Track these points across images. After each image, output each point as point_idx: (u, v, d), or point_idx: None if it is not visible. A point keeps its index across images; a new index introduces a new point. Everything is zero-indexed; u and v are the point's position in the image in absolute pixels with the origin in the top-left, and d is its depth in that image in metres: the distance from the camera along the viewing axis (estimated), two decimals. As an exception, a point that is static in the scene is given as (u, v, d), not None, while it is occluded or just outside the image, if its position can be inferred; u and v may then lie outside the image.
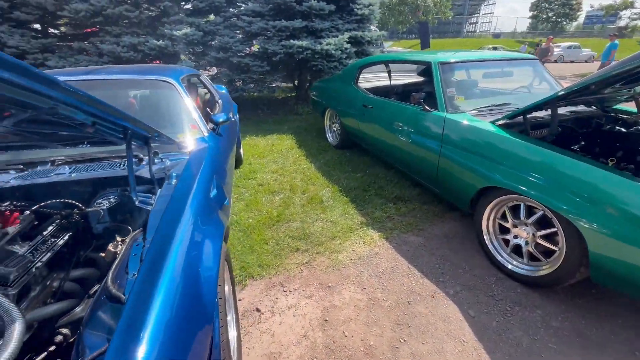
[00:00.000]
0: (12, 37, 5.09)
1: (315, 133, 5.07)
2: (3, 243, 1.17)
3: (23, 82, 0.64)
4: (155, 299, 0.86)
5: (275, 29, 5.42)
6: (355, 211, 2.80)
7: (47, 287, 1.21)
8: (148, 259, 0.99)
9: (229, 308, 1.54)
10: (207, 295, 1.04)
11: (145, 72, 2.22)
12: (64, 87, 0.73)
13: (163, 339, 0.81)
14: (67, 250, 1.36)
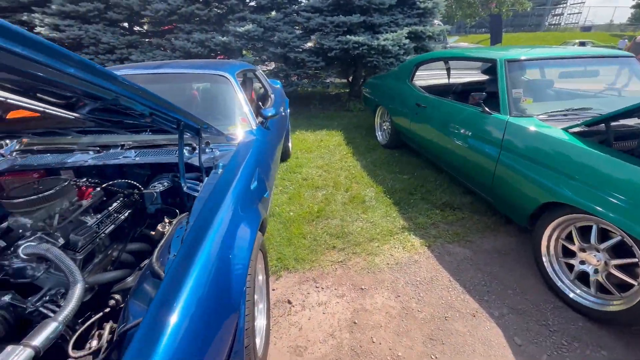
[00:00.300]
0: (105, 34, 5.86)
1: (364, 131, 4.98)
2: (77, 214, 1.35)
3: (88, 77, 0.72)
4: (187, 281, 0.92)
5: (333, 24, 5.41)
6: (397, 214, 2.70)
7: (107, 256, 1.38)
8: (187, 242, 1.07)
9: (261, 297, 1.60)
10: (236, 284, 1.08)
11: (206, 67, 2.38)
12: (121, 81, 0.81)
13: (192, 317, 0.86)
14: (126, 225, 1.53)
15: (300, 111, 6.46)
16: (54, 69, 0.63)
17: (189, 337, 0.83)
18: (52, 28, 5.68)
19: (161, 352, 0.75)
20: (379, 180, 3.31)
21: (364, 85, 4.96)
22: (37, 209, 1.24)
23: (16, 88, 0.87)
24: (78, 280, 1.04)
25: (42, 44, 0.60)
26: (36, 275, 1.16)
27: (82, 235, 1.25)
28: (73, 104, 1.06)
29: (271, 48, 5.95)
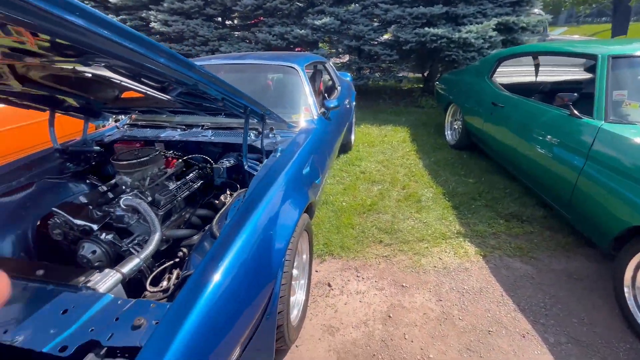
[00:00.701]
0: (202, 28, 6.63)
1: (433, 129, 4.74)
2: (162, 179, 1.65)
3: (173, 65, 0.90)
4: (235, 244, 1.07)
5: (412, 16, 5.20)
6: (454, 218, 2.56)
7: (181, 217, 1.65)
8: (239, 212, 1.23)
9: (303, 274, 1.73)
10: (276, 255, 1.21)
11: (279, 58, 2.57)
12: (198, 69, 0.98)
13: (233, 273, 1.01)
14: (198, 193, 1.80)
15: (369, 105, 6.42)
16: (150, 58, 0.81)
17: (229, 288, 0.97)
18: (162, 23, 6.66)
19: (206, 295, 0.91)
20: (440, 181, 3.16)
21: (438, 80, 4.70)
22: (135, 171, 1.56)
23: (127, 73, 1.11)
24: (157, 230, 1.29)
25: (143, 39, 0.77)
26: (130, 223, 1.46)
27: (164, 196, 1.52)
28: (165, 88, 1.29)
29: (346, 41, 6.01)
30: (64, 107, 1.77)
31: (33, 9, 0.58)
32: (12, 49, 0.90)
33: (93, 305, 0.92)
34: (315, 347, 1.56)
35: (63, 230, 1.42)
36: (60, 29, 0.65)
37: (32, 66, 1.17)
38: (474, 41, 4.88)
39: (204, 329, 0.86)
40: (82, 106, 1.78)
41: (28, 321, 0.89)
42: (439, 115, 4.90)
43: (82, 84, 1.42)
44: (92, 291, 0.97)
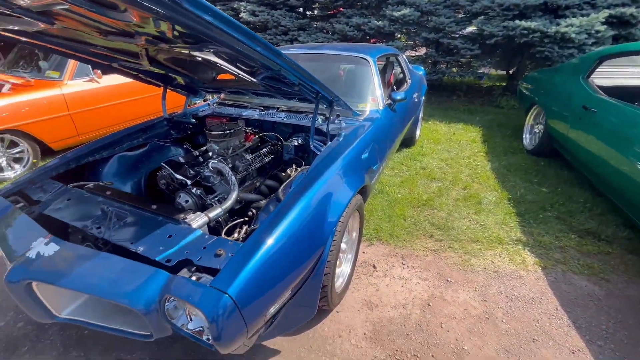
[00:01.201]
0: (284, 18, 7.05)
1: (510, 131, 4.38)
2: (241, 150, 1.94)
3: (265, 53, 1.10)
4: (295, 207, 1.27)
5: (502, 7, 4.79)
6: (516, 225, 2.42)
7: (253, 184, 1.93)
8: (302, 184, 1.42)
9: (351, 249, 1.88)
10: (328, 224, 1.38)
11: (352, 49, 2.69)
12: (284, 57, 1.17)
13: (290, 231, 1.21)
14: (268, 166, 2.06)
15: (441, 101, 6.16)
16: (249, 46, 1.03)
17: (287, 241, 1.17)
18: (250, 13, 7.26)
19: (270, 242, 1.12)
20: (508, 186, 2.97)
21: (523, 78, 4.29)
22: (222, 141, 1.87)
23: (228, 58, 1.36)
24: (235, 189, 1.57)
25: (247, 31, 0.98)
26: (214, 183, 1.78)
27: (242, 163, 1.80)
28: (254, 72, 1.54)
29: (424, 33, 5.81)
30: (173, 84, 2.17)
31: (181, 10, 0.82)
32: (154, 36, 1.20)
33: (188, 235, 1.21)
34: (353, 316, 1.72)
35: (167, 181, 1.80)
36: (195, 24, 0.89)
37: (160, 50, 1.51)
38: (574, 36, 4.31)
39: (266, 266, 1.07)
40: (187, 84, 2.17)
41: (146, 239, 1.21)
42: (519, 118, 4.50)
43: (190, 66, 1.75)
44: (188, 226, 1.26)
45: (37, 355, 1.51)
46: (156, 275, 1.03)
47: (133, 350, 1.53)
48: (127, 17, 0.99)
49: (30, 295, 1.10)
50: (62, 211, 1.43)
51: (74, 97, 3.54)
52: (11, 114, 3.11)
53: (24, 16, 1.13)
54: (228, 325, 0.94)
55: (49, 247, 1.14)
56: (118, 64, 1.79)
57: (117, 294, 0.99)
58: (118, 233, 1.25)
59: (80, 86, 3.61)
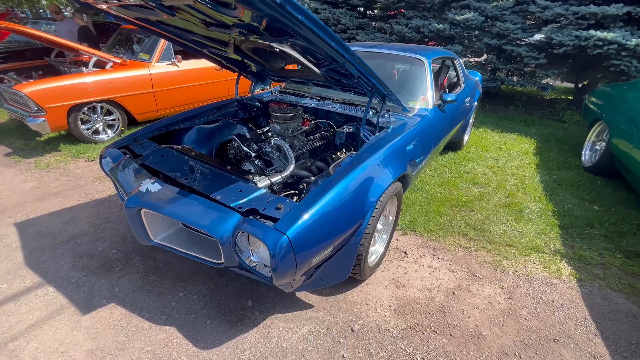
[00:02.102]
0: (345, 17, 7.27)
1: (568, 146, 4.17)
2: (298, 133, 2.20)
3: (337, 47, 1.33)
4: (340, 183, 1.48)
5: (576, 15, 4.53)
6: (557, 237, 2.40)
7: (305, 163, 2.18)
8: (349, 164, 1.64)
9: (386, 231, 2.06)
10: (369, 200, 1.57)
11: (409, 50, 2.83)
12: (350, 51, 1.38)
13: (338, 200, 1.43)
14: (319, 149, 2.30)
15: (496, 109, 5.96)
16: (325, 40, 1.26)
17: (334, 207, 1.40)
18: (312, 11, 7.59)
19: (320, 204, 1.35)
20: (555, 199, 2.91)
21: (590, 92, 4.05)
22: (283, 122, 2.15)
23: (301, 51, 1.62)
24: (292, 163, 1.84)
25: (326, 29, 1.22)
26: (273, 158, 2.07)
27: (298, 143, 2.07)
28: (320, 64, 1.78)
29: (486, 39, 5.66)
30: (246, 71, 2.51)
31: (281, 10, 1.07)
32: (248, 29, 1.48)
33: (255, 192, 1.49)
34: (381, 290, 1.90)
35: (235, 151, 2.13)
36: (288, 21, 1.14)
37: (246, 40, 1.81)
38: (659, 51, 3.96)
39: (315, 222, 1.31)
40: (258, 72, 2.48)
41: (222, 190, 1.51)
42: (581, 134, 4.26)
43: (266, 55, 2.04)
44: (255, 185, 1.55)
45: (125, 275, 1.93)
46: (232, 214, 1.32)
47: (196, 283, 1.87)
48: (234, 13, 1.28)
49: (139, 219, 1.45)
50: (159, 164, 1.80)
51: (158, 77, 4.11)
52: (111, 87, 3.73)
53: (156, 9, 1.48)
54: (283, 259, 1.19)
55: (154, 186, 1.49)
56: (208, 50, 2.14)
57: (203, 224, 1.30)
58: (201, 184, 1.57)
59: (164, 68, 4.17)
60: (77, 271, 1.95)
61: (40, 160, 3.41)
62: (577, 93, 6.10)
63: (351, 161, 1.67)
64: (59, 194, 2.80)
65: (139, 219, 1.46)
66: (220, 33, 1.70)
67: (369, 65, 1.59)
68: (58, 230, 2.31)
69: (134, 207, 1.42)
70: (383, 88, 1.82)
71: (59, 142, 3.79)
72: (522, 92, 6.68)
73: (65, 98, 3.43)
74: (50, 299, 1.75)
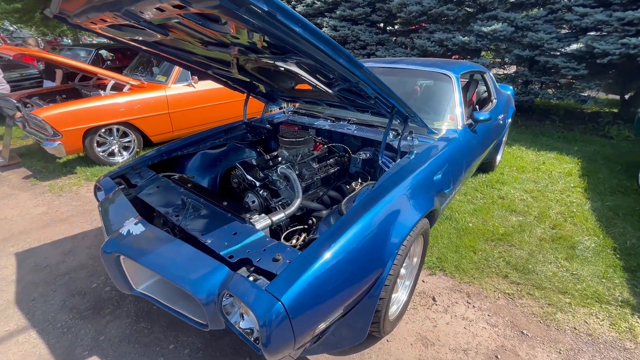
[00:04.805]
0: (364, 33, 7.14)
1: (620, 167, 3.67)
2: (309, 158, 1.97)
3: (347, 64, 1.10)
4: (357, 223, 1.22)
5: (621, 22, 4.09)
6: (623, 283, 1.97)
7: (316, 192, 1.93)
8: (366, 199, 1.37)
9: (410, 276, 1.75)
10: (390, 246, 1.29)
11: (433, 65, 2.56)
12: (364, 70, 1.15)
13: (352, 247, 1.16)
14: (333, 177, 2.05)
15: (530, 125, 5.49)
16: (332, 57, 1.03)
17: (346, 257, 1.13)
18: (331, 28, 7.54)
19: (328, 255, 1.09)
20: (613, 232, 2.46)
21: (645, 106, 3.57)
22: (293, 147, 1.93)
23: (309, 69, 1.40)
24: (299, 196, 1.59)
25: (332, 42, 0.99)
26: (280, 187, 1.83)
27: (308, 172, 1.83)
28: (331, 83, 1.55)
29: (516, 50, 5.28)
30: (255, 92, 2.34)
31: (274, 21, 0.86)
32: (246, 47, 1.29)
33: (251, 235, 1.26)
34: (405, 350, 1.57)
35: (239, 180, 1.93)
36: (285, 35, 0.93)
37: (249, 60, 1.63)
38: None
39: (321, 280, 1.04)
40: (267, 92, 2.31)
41: (214, 232, 1.29)
42: (635, 151, 3.75)
43: (273, 75, 1.85)
44: (252, 226, 1.31)
45: (114, 319, 1.73)
46: (219, 269, 1.08)
47: (189, 333, 1.64)
48: (225, 29, 1.09)
49: (118, 267, 1.25)
50: (152, 196, 1.62)
51: (174, 99, 4.09)
52: (127, 109, 3.72)
53: (147, 28, 1.33)
54: (277, 333, 0.93)
55: (137, 227, 1.29)
56: (212, 71, 1.99)
57: (184, 280, 1.07)
58: (192, 223, 1.36)
59: (180, 89, 4.15)
60: (65, 313, 1.77)
61: (55, 184, 3.39)
62: (623, 105, 5.53)
63: (368, 196, 1.40)
64: (65, 220, 2.71)
65: (118, 266, 1.26)
66: (220, 52, 1.53)
67: (388, 83, 1.35)
68: (56, 263, 2.18)
69: (112, 253, 1.22)
70: (404, 109, 1.56)
71: (76, 165, 3.79)
72: (559, 106, 6.16)
73: (81, 121, 3.43)
74: (29, 347, 1.58)
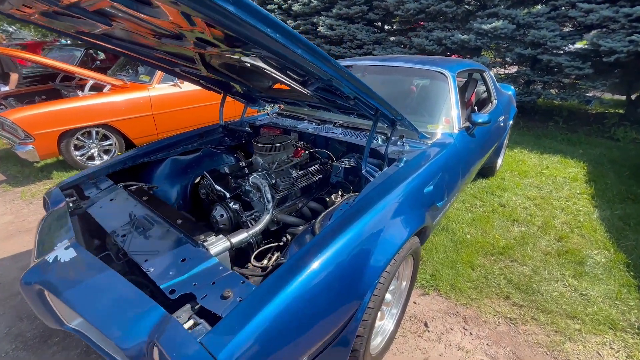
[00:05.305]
0: (361, 32, 6.94)
1: (629, 171, 3.45)
2: (287, 166, 1.76)
3: (308, 56, 0.89)
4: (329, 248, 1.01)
5: (629, 18, 3.88)
6: (638, 304, 1.76)
7: (294, 204, 1.72)
8: (344, 217, 1.16)
9: (397, 302, 1.54)
10: (369, 275, 1.08)
11: (428, 63, 2.35)
12: (333, 63, 0.95)
13: (320, 279, 0.95)
14: (315, 186, 1.85)
15: (532, 126, 5.28)
16: (285, 46, 0.83)
17: (311, 292, 0.92)
18: (328, 27, 7.33)
19: (288, 292, 0.88)
20: (625, 245, 2.25)
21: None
22: (268, 154, 1.72)
23: (276, 65, 1.20)
24: (269, 212, 1.38)
25: (284, 28, 0.79)
26: (253, 199, 1.63)
27: (283, 182, 1.62)
28: (306, 82, 1.35)
29: (518, 48, 5.07)
30: (232, 92, 2.13)
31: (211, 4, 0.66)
32: (198, 39, 1.09)
33: (202, 263, 1.05)
34: (391, 389, 1.37)
35: (207, 191, 1.72)
36: (221, 17, 0.72)
37: (213, 55, 1.43)
38: None
39: (278, 324, 0.84)
40: (245, 93, 2.10)
41: (160, 258, 1.09)
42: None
43: (245, 74, 1.65)
44: (205, 251, 1.11)
45: (61, 350, 1.52)
46: (153, 310, 0.88)
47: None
48: (161, 14, 0.89)
49: (42, 300, 1.05)
50: (103, 210, 1.42)
51: (158, 99, 3.88)
52: (106, 111, 3.52)
53: (84, 17, 1.13)
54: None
55: (67, 253, 1.09)
56: (180, 69, 1.79)
57: (109, 325, 0.86)
58: (138, 245, 1.16)
59: (165, 90, 3.95)
60: (8, 342, 1.57)
61: (27, 190, 3.20)
62: (629, 106, 5.32)
63: (346, 212, 1.20)
64: (30, 231, 2.51)
65: (42, 299, 1.05)
66: (177, 47, 1.33)
67: (381, 82, 1.18)
68: (11, 280, 1.98)
69: (32, 285, 1.02)
70: (389, 111, 1.35)
71: (54, 169, 3.60)
72: (562, 106, 5.95)
73: (55, 124, 3.23)
74: (-41, 385, 1.38)
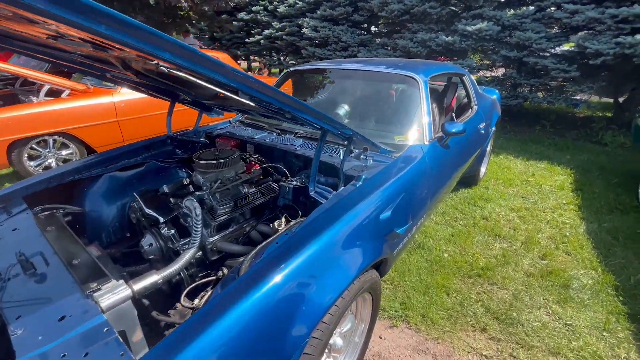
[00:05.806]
0: (346, 34, 6.77)
1: (617, 178, 3.30)
2: (233, 185, 1.54)
3: (172, 58, 0.68)
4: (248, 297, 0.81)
5: (615, 19, 3.76)
6: (629, 338, 1.58)
7: (242, 228, 1.51)
8: (278, 251, 0.96)
9: (353, 351, 1.33)
10: (299, 327, 0.88)
11: (398, 66, 2.16)
12: (228, 69, 0.74)
13: (231, 336, 0.76)
14: (268, 206, 1.63)
15: (519, 131, 5.14)
16: (154, 55, 0.62)
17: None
18: (312, 29, 7.15)
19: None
20: (614, 264, 2.07)
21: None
22: (211, 172, 1.51)
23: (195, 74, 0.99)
24: (194, 245, 1.16)
25: (126, 22, 0.58)
26: (190, 224, 1.41)
27: (222, 206, 1.40)
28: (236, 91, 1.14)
29: (504, 51, 4.94)
30: (180, 99, 1.91)
31: None
32: (80, 39, 0.88)
33: (83, 323, 0.83)
34: None
35: (137, 215, 1.50)
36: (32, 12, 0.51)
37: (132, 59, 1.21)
38: None
39: None
40: (193, 100, 1.89)
41: (35, 315, 0.86)
42: (632, 161, 3.39)
43: (178, 81, 1.44)
44: (94, 303, 0.88)
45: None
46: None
47: None
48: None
49: None
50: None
51: (123, 105, 3.64)
52: (64, 118, 3.27)
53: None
54: None
55: None
56: (110, 74, 1.57)
57: None
58: (13, 295, 0.93)
59: (131, 95, 3.70)
60: None
61: (-28, 205, 2.93)
62: (617, 109, 5.20)
63: (282, 247, 0.99)
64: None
65: None
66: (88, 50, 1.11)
67: (345, 88, 0.97)
68: None
69: None
70: (335, 128, 1.15)
71: (6, 181, 3.33)
72: (549, 110, 5.83)
73: (3, 133, 2.97)
74: None
